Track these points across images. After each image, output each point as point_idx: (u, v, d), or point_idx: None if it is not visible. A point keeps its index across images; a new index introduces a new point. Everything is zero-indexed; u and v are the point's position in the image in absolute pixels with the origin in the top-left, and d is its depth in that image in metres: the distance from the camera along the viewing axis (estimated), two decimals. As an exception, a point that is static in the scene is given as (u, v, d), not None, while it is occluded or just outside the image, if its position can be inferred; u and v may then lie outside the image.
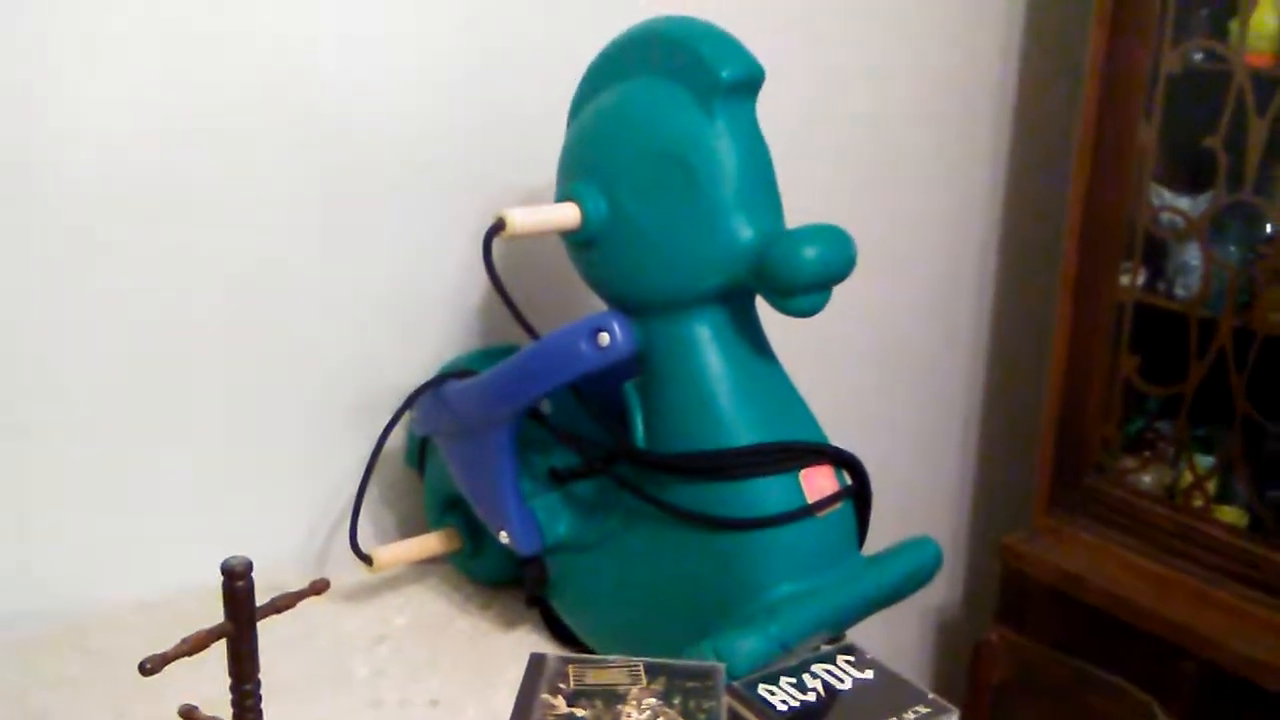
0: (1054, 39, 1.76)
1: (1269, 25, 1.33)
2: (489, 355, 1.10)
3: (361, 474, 1.11)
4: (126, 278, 1.03)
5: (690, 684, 0.67)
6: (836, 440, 0.94)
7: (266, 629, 0.92)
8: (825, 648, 0.84)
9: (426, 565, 1.17)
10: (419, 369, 1.16)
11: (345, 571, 1.13)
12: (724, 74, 0.88)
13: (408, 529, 1.22)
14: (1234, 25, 1.38)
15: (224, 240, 1.07)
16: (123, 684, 0.92)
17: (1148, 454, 1.61)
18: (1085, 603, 1.54)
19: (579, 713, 0.62)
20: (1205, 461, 1.53)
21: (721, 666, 0.71)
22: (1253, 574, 1.42)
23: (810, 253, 0.85)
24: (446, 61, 1.16)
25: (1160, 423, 1.64)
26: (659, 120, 0.90)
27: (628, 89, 0.93)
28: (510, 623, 1.08)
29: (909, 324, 1.75)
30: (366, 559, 1.08)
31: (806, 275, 0.85)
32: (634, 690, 0.66)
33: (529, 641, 1.05)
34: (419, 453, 1.16)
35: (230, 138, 1.05)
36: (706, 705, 0.64)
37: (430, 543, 1.12)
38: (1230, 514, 1.51)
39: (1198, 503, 1.52)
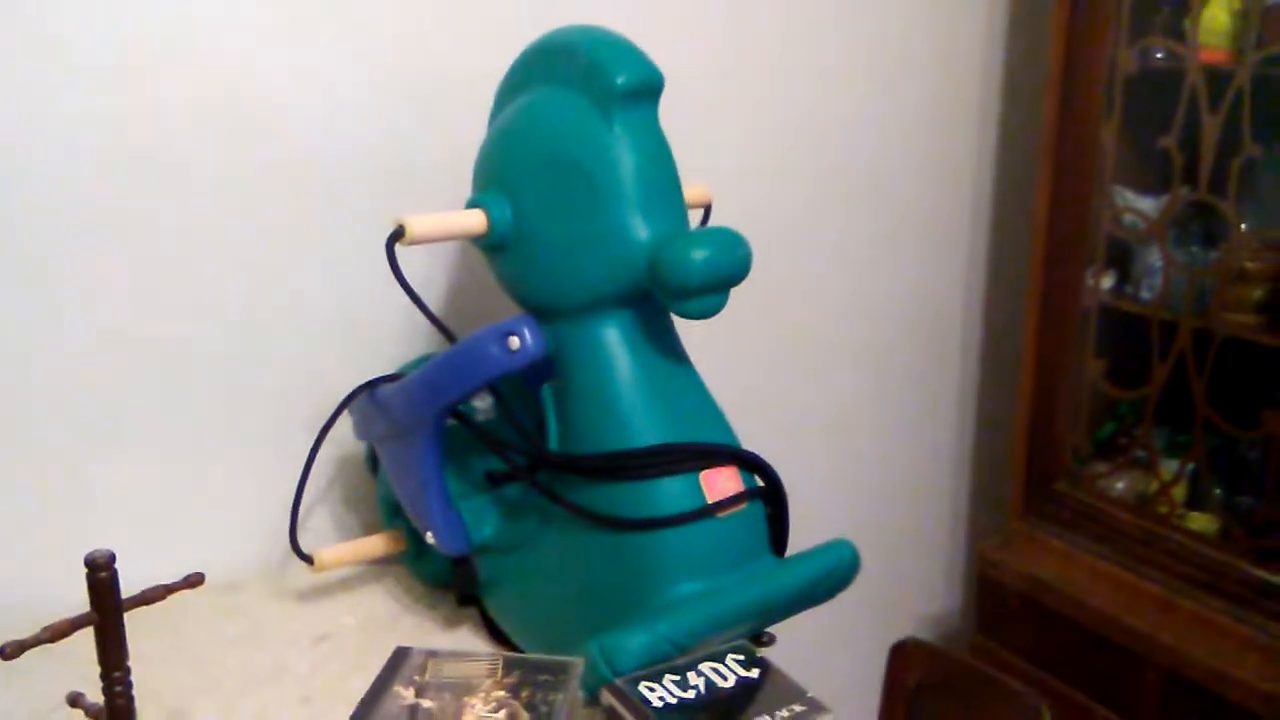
0: (1035, 51, 1.74)
1: (1221, 21, 1.30)
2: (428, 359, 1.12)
3: (298, 475, 1.13)
4: (72, 294, 1.07)
5: (543, 677, 0.69)
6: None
7: (212, 627, 0.94)
8: (719, 647, 0.84)
9: (382, 566, 1.19)
10: (370, 375, 1.18)
11: (304, 573, 1.16)
12: (619, 80, 0.89)
13: (370, 531, 1.24)
14: (1187, 23, 1.35)
15: (171, 257, 1.11)
16: (40, 683, 0.93)
17: (1120, 459, 1.58)
18: (1053, 610, 1.52)
19: (425, 703, 0.64)
20: (1173, 467, 1.50)
21: (578, 662, 0.72)
22: (1218, 583, 1.39)
23: (699, 255, 0.85)
24: (380, 78, 1.19)
25: (1136, 428, 1.61)
26: (558, 128, 0.92)
27: (531, 98, 0.95)
28: (453, 623, 1.09)
29: (892, 335, 1.74)
30: (308, 559, 1.11)
31: (696, 278, 0.85)
32: (487, 683, 0.67)
33: (468, 641, 1.07)
34: (373, 457, 1.18)
35: (169, 162, 1.09)
36: (552, 698, 0.65)
37: (373, 544, 1.15)
38: (1200, 520, 1.47)
39: (1164, 509, 1.49)
